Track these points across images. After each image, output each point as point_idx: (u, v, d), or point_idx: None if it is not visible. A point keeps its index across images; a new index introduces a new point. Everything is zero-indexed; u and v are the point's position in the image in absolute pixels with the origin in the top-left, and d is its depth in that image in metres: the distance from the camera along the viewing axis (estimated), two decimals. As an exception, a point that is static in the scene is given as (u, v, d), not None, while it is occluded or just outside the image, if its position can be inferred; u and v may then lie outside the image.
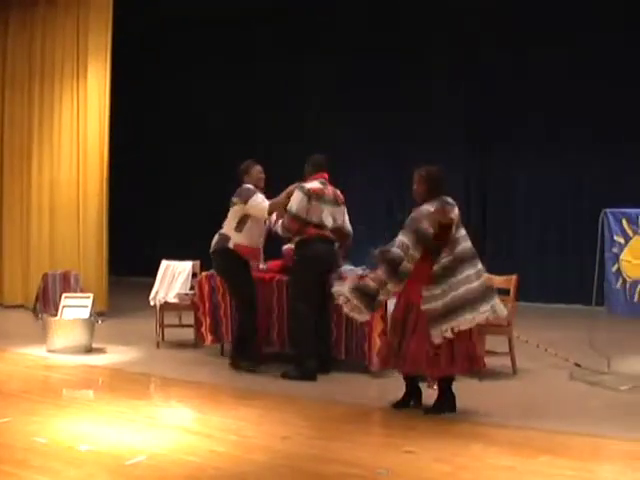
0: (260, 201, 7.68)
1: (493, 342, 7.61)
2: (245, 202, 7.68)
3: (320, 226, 7.49)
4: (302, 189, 7.45)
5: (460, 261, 6.14)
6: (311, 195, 7.44)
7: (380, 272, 6.17)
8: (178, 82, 14.18)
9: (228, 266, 7.85)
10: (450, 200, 6.34)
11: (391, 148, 13.13)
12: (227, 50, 13.87)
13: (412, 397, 6.52)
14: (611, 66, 11.57)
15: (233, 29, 13.77)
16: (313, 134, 12.80)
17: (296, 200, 7.42)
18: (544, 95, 12.13)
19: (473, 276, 6.13)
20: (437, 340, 6.08)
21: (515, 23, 12.09)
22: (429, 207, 6.25)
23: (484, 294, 6.15)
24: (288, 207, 7.43)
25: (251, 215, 7.72)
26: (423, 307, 6.13)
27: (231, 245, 7.74)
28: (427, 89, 12.68)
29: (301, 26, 13.49)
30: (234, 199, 7.77)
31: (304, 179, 7.62)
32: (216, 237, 7.87)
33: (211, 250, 7.88)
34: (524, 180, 12.48)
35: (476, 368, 6.51)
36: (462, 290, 6.08)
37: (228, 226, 7.79)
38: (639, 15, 11.23)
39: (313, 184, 7.53)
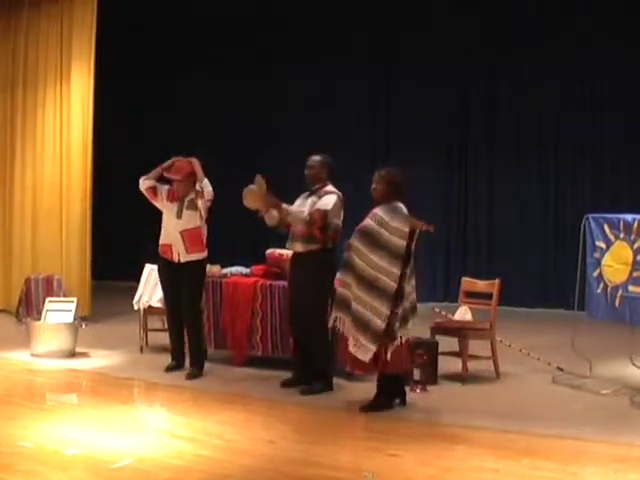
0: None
1: (476, 346, 7.65)
2: None
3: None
4: (340, 198, 7.20)
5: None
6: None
7: None
8: (166, 83, 14.12)
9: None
10: None
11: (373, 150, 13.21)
12: (220, 50, 13.81)
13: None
14: (595, 73, 11.68)
15: (225, 30, 13.73)
16: (303, 136, 12.80)
17: (338, 210, 7.17)
18: (523, 100, 12.19)
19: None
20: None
21: (517, 26, 12.14)
22: None
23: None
24: (330, 215, 7.10)
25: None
26: None
27: None
28: (431, 94, 12.68)
29: (293, 30, 13.47)
30: None
31: (318, 181, 7.28)
32: None
33: None
34: (505, 185, 12.52)
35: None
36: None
37: None
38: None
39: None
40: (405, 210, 6.40)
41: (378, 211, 6.42)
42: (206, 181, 7.76)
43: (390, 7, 12.64)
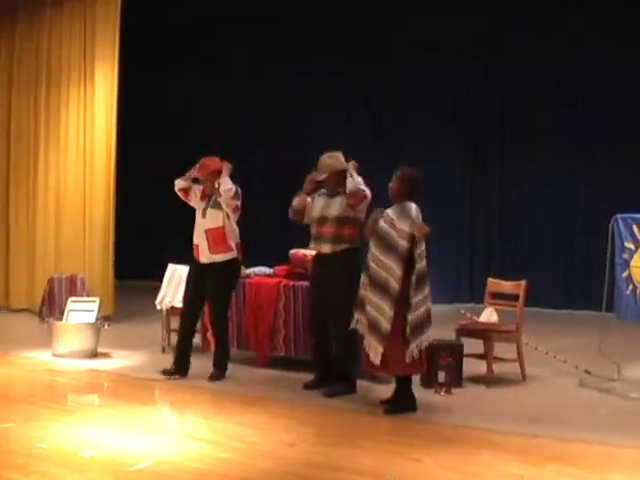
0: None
1: (502, 348, 7.55)
2: None
3: None
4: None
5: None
6: None
7: None
8: (187, 82, 14.14)
9: None
10: None
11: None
12: (213, 49, 13.80)
13: None
14: (587, 71, 11.59)
15: (219, 29, 13.73)
16: (309, 134, 12.73)
17: (365, 206, 7.13)
18: (549, 99, 12.07)
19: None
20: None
21: (510, 24, 12.05)
22: None
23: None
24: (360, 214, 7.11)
25: None
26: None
27: None
28: (424, 92, 12.58)
29: (298, 29, 13.42)
30: None
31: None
32: None
33: None
34: (532, 185, 12.39)
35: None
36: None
37: None
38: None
39: None
40: (414, 211, 6.31)
41: (390, 211, 6.39)
42: (226, 179, 7.56)
43: (384, 5, 12.57)
